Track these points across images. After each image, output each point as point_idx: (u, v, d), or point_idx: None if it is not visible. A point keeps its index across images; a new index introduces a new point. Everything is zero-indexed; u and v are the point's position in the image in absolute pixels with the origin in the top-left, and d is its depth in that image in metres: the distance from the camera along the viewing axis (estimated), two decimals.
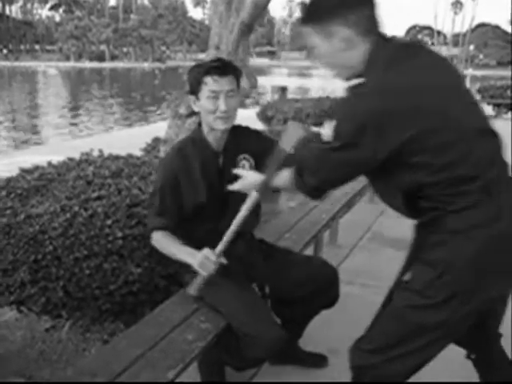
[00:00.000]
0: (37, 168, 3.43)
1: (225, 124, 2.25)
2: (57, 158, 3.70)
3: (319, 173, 1.75)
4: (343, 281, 2.65)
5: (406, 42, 1.72)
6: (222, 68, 2.21)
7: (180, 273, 2.48)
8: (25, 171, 3.36)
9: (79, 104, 22.62)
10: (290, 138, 2.03)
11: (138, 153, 5.52)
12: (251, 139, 2.44)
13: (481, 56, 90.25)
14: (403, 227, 2.16)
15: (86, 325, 2.84)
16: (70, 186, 3.05)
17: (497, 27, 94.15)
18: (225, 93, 2.20)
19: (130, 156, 3.96)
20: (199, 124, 2.37)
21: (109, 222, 2.72)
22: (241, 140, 2.39)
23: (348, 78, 1.72)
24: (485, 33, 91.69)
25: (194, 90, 2.25)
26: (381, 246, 4.61)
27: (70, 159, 3.69)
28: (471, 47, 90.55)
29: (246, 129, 2.48)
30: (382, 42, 1.64)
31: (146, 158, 3.89)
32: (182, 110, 5.04)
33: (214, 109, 2.21)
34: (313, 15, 1.68)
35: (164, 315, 2.28)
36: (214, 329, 2.20)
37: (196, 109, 2.30)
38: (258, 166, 2.27)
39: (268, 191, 2.10)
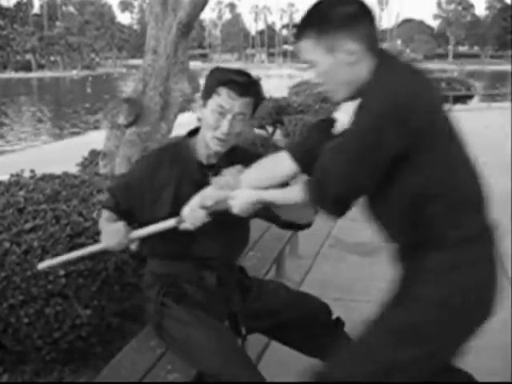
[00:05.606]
0: None
1: (220, 147, 1.92)
2: None
3: (341, 175, 1.50)
4: None
5: (408, 61, 1.61)
6: (244, 86, 1.87)
7: (140, 305, 2.09)
8: None
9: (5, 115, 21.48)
10: (230, 184, 1.81)
11: (73, 168, 5.08)
12: (249, 160, 1.92)
13: (408, 50, 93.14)
14: (364, 231, 1.96)
15: (28, 379, 2.43)
16: None
17: (421, 22, 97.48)
18: (233, 114, 1.87)
19: (67, 175, 3.55)
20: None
21: (47, 257, 2.31)
22: (235, 160, 1.94)
23: (345, 97, 1.58)
24: (410, 28, 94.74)
25: (206, 95, 1.91)
26: (344, 253, 4.37)
27: None
28: (398, 42, 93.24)
29: (247, 151, 2.13)
30: (388, 58, 1.54)
31: (85, 176, 3.48)
32: (121, 120, 4.66)
33: (215, 126, 1.89)
34: (317, 28, 1.53)
35: (124, 367, 1.92)
36: (183, 380, 1.87)
37: (200, 115, 1.95)
38: None
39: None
